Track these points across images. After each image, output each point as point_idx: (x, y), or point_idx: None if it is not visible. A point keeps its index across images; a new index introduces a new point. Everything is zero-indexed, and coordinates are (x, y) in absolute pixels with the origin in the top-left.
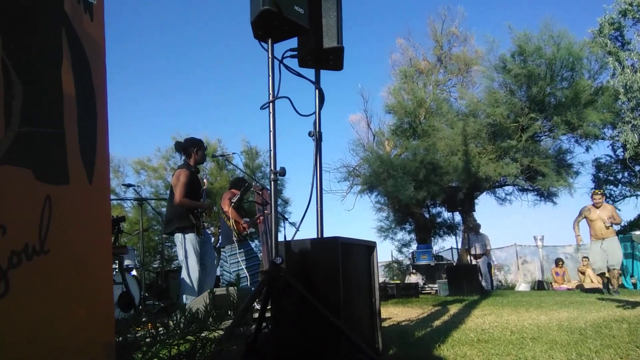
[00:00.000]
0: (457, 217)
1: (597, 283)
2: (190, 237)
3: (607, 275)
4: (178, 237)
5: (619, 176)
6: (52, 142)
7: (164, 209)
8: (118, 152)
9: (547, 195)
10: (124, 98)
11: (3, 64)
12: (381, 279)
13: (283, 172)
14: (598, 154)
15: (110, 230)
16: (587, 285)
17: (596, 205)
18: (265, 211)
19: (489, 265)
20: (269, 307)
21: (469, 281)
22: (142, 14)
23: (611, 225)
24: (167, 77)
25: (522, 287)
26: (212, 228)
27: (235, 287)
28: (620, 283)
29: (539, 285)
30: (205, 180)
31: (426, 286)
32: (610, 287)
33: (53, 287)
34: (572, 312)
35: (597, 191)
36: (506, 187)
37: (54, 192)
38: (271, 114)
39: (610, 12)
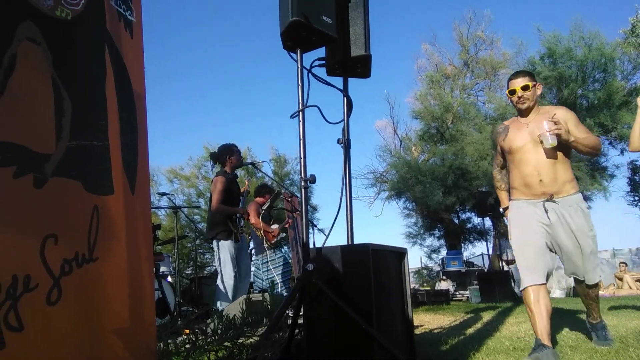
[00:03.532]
0: (488, 222)
1: (636, 289)
2: (227, 244)
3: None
4: (215, 244)
5: None
6: (98, 155)
7: (196, 217)
8: (151, 162)
9: None
10: (157, 109)
11: (54, 81)
12: (412, 286)
13: (313, 179)
14: (634, 156)
15: (152, 239)
16: (625, 291)
17: (522, 112)
18: (295, 213)
19: None
20: (301, 313)
21: (501, 288)
22: (173, 30)
23: (553, 146)
24: (198, 87)
25: (557, 293)
26: (244, 235)
27: (269, 294)
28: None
29: (575, 292)
30: (246, 181)
31: (457, 293)
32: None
33: (100, 293)
34: (611, 319)
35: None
36: None
37: (101, 203)
38: (301, 123)
39: None
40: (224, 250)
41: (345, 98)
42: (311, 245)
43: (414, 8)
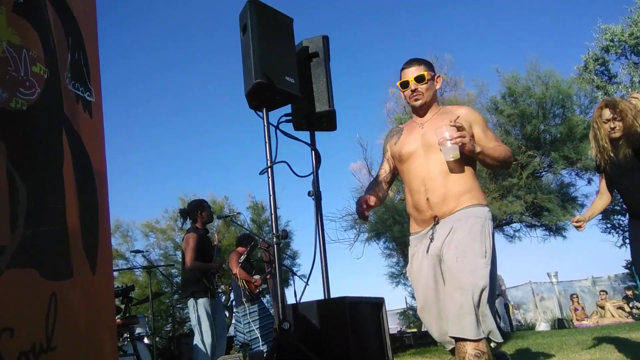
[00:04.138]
0: None
1: (618, 317)
2: (203, 302)
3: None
4: (190, 302)
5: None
6: (56, 239)
7: (174, 271)
8: (126, 216)
9: (555, 230)
10: (130, 162)
11: (8, 172)
12: (397, 328)
13: (285, 235)
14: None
15: (115, 317)
16: (608, 320)
17: (416, 110)
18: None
19: (506, 306)
20: None
21: None
22: (147, 77)
23: (456, 158)
24: (171, 139)
25: (542, 326)
26: (222, 287)
27: (248, 354)
28: None
29: (560, 324)
30: (216, 235)
31: None
32: None
33: None
34: (594, 353)
35: (414, 62)
36: (513, 224)
37: (59, 288)
38: (270, 179)
39: (593, 49)
40: (201, 308)
41: (313, 152)
42: (289, 294)
43: (378, 54)
